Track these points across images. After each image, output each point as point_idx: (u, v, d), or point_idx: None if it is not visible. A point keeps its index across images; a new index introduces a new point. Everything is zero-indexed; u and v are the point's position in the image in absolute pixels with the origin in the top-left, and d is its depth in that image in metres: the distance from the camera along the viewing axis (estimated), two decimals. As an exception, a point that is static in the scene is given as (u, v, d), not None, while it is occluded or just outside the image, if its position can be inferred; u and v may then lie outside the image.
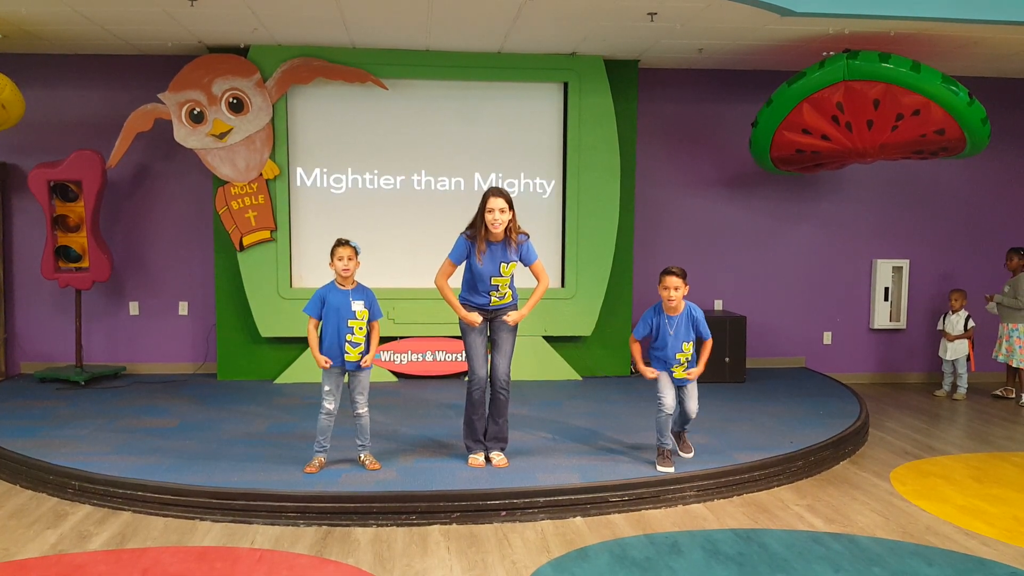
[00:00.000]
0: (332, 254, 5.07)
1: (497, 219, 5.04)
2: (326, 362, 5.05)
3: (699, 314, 5.31)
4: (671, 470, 5.23)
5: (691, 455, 5.52)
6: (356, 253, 5.08)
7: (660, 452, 5.32)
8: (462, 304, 5.28)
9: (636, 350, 5.47)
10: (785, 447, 5.77)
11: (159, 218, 8.23)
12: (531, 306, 5.27)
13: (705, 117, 8.63)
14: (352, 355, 5.07)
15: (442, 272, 5.25)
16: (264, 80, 7.56)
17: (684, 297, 5.27)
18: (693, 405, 5.40)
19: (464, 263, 5.24)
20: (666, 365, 5.33)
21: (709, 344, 5.36)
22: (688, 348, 5.29)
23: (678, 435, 5.58)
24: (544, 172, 8.13)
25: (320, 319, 5.12)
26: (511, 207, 5.10)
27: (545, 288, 5.32)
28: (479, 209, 5.12)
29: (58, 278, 7.67)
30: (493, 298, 5.25)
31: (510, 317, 5.25)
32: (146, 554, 4.26)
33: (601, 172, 8.02)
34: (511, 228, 5.14)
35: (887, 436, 6.77)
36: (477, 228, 5.13)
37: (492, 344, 5.34)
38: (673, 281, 5.16)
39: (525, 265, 5.27)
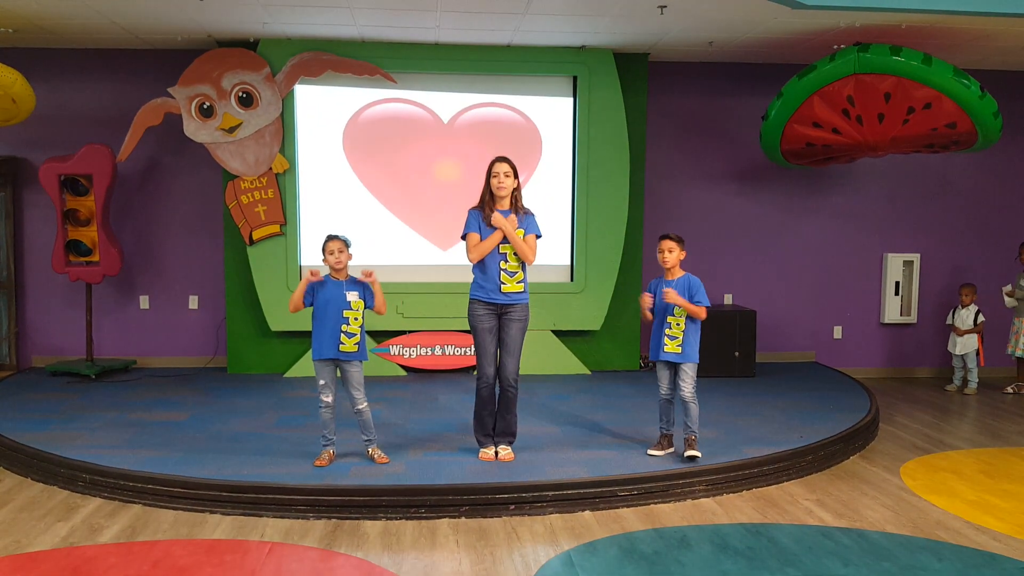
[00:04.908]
0: (323, 249, 5.12)
1: (503, 183, 5.18)
2: (312, 273, 5.03)
3: (696, 280, 5.44)
4: (659, 454, 5.45)
5: (697, 455, 5.34)
6: (347, 246, 5.13)
7: (659, 436, 5.56)
8: (472, 299, 5.31)
9: (645, 312, 5.51)
10: (795, 442, 5.76)
11: (169, 212, 8.26)
12: (515, 239, 5.19)
13: (715, 111, 8.60)
14: (347, 345, 5.09)
15: (469, 248, 5.27)
16: (273, 74, 7.57)
17: (684, 268, 5.48)
18: (686, 387, 5.36)
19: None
20: (658, 346, 5.43)
21: (702, 309, 5.37)
22: (681, 314, 5.35)
23: (685, 439, 5.42)
24: (553, 166, 8.11)
25: (311, 307, 5.16)
26: (516, 175, 5.24)
27: (528, 252, 5.24)
28: (486, 178, 5.25)
29: (69, 272, 7.70)
30: (503, 277, 5.22)
31: (497, 219, 5.16)
32: (156, 547, 4.28)
33: (610, 166, 8.00)
34: (517, 198, 5.27)
35: (897, 431, 6.74)
36: (484, 198, 5.27)
37: (501, 343, 5.33)
38: (667, 244, 5.41)
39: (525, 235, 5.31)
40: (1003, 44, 7.43)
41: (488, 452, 5.38)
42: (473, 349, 6.16)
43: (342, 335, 5.08)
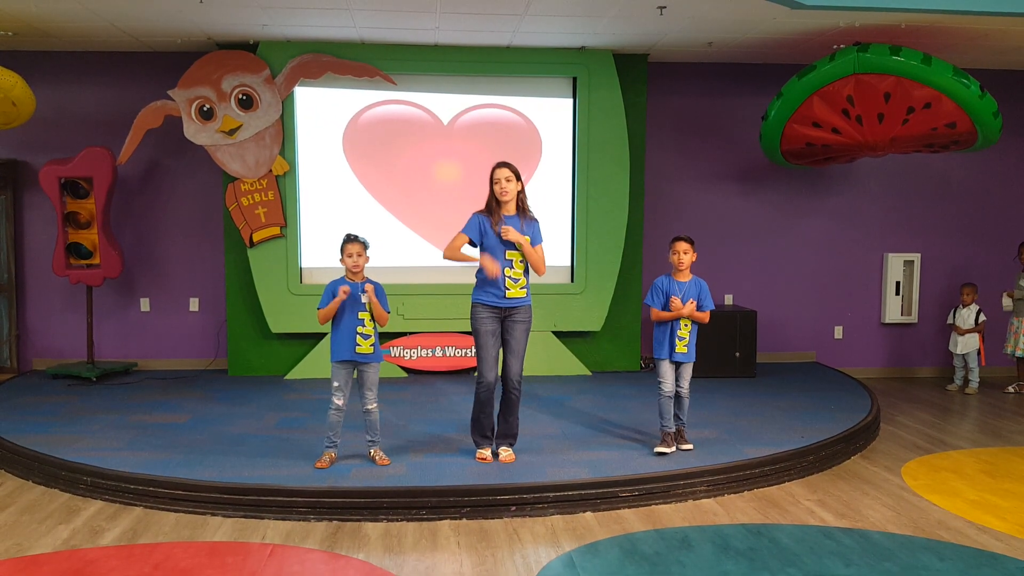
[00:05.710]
0: (342, 250, 5.13)
1: (505, 188, 5.16)
2: (344, 291, 5.04)
3: (704, 283, 5.57)
4: (669, 451, 5.45)
5: (690, 447, 5.57)
6: (365, 248, 5.14)
7: (662, 435, 5.54)
8: (475, 302, 5.28)
9: (656, 313, 5.55)
10: (796, 442, 5.76)
11: (169, 214, 8.26)
12: (528, 250, 5.19)
13: (715, 111, 8.60)
14: (363, 347, 5.12)
15: (450, 245, 5.28)
16: (273, 76, 7.57)
17: (692, 271, 5.58)
18: (685, 386, 5.55)
19: (478, 247, 5.26)
20: (669, 346, 5.49)
21: (707, 314, 5.54)
22: (689, 320, 5.47)
23: (678, 429, 5.64)
24: (553, 167, 8.11)
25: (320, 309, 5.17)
26: (518, 179, 5.22)
27: (542, 266, 5.27)
28: (489, 185, 5.23)
29: (69, 275, 7.70)
30: (508, 283, 5.19)
31: (511, 235, 5.12)
32: (158, 549, 4.28)
33: (610, 166, 8.00)
34: (522, 200, 5.26)
35: (898, 430, 6.74)
36: (490, 204, 5.25)
37: (505, 345, 5.31)
38: (682, 246, 5.52)
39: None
40: (1003, 44, 7.43)
41: (484, 453, 5.37)
42: (474, 350, 6.14)
43: (358, 336, 5.10)
